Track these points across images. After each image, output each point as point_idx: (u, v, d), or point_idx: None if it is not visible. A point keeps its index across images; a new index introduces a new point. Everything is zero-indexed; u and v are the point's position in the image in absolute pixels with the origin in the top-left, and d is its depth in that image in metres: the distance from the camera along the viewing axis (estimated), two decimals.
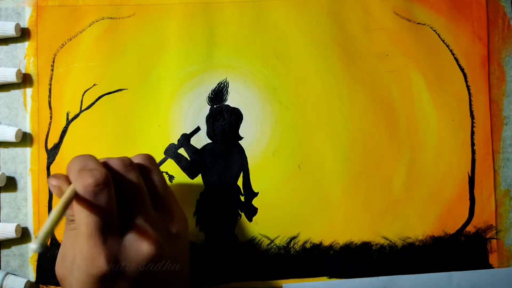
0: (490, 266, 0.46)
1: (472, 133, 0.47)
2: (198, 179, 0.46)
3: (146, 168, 0.35)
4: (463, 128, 0.47)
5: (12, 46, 0.46)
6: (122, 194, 0.32)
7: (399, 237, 0.46)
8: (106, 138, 0.46)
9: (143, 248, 0.32)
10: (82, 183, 0.30)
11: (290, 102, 0.46)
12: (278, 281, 0.46)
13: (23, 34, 0.46)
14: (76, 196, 0.30)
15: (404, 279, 0.44)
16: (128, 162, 0.34)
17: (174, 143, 0.46)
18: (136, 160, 0.35)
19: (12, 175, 0.46)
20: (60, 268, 0.33)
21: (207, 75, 0.46)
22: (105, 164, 0.33)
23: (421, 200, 0.46)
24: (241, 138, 0.46)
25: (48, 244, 0.45)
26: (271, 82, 0.47)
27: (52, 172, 0.46)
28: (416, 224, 0.46)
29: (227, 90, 0.46)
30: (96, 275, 0.30)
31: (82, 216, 0.30)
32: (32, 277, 0.45)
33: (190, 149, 0.46)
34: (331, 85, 0.46)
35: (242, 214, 0.46)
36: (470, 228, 0.46)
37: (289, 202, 0.46)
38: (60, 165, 0.45)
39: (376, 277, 0.44)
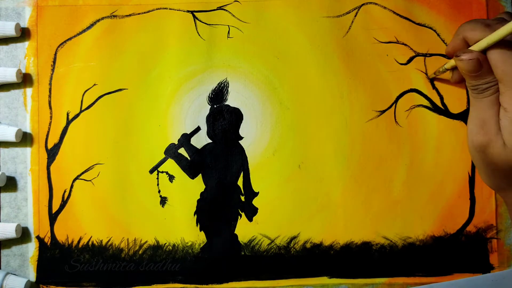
0: (490, 266, 0.46)
1: None
2: (199, 179, 0.46)
3: None
4: (463, 127, 0.47)
5: (12, 46, 0.46)
6: None
7: (399, 237, 0.46)
8: (106, 138, 0.46)
9: None
10: None
11: (290, 102, 0.46)
12: (278, 281, 0.46)
13: (23, 34, 0.46)
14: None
15: None
16: None
17: (174, 143, 0.46)
18: None
19: (12, 175, 0.46)
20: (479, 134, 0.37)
21: (207, 75, 0.46)
22: None
23: (422, 200, 0.46)
24: (241, 138, 0.46)
25: (49, 244, 0.45)
26: (271, 82, 0.47)
27: (52, 172, 0.45)
28: (417, 224, 0.46)
29: (227, 90, 0.46)
30: None
31: None
32: (33, 277, 0.45)
33: (191, 149, 0.46)
34: (331, 84, 0.46)
35: (243, 214, 0.46)
36: (470, 228, 0.46)
37: (290, 202, 0.46)
38: (60, 165, 0.45)
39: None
